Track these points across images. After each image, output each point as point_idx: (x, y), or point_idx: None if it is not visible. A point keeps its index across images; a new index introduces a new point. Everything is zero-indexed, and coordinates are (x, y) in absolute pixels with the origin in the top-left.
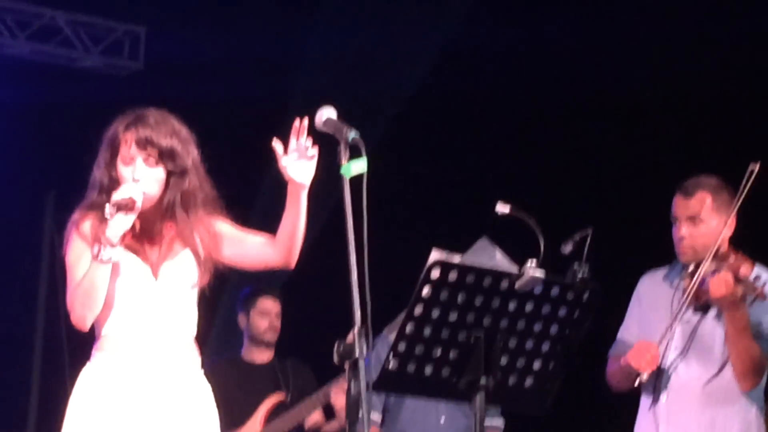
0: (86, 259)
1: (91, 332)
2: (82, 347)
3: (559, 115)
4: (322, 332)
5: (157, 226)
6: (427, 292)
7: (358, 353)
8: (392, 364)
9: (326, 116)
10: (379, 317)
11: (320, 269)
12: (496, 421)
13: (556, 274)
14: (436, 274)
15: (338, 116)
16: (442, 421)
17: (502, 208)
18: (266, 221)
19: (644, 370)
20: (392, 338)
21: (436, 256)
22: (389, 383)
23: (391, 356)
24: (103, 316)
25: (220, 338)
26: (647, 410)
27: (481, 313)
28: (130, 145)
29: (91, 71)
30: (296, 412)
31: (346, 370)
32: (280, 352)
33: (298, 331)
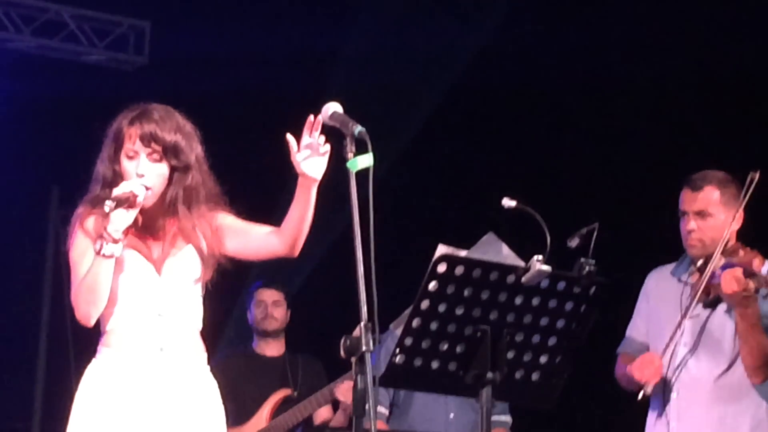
0: (90, 254)
1: (96, 327)
2: (87, 342)
3: (563, 110)
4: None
5: (159, 221)
6: (433, 286)
7: (364, 347)
8: (399, 358)
9: (332, 110)
10: (386, 312)
11: (342, 264)
12: (504, 417)
13: (562, 268)
14: (442, 268)
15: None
16: (451, 416)
17: (508, 202)
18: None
19: (648, 382)
20: (399, 333)
21: (442, 250)
22: (396, 378)
23: (397, 351)
24: (107, 311)
25: (237, 333)
26: (657, 406)
27: (487, 307)
28: (134, 140)
29: (96, 66)
30: (302, 407)
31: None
32: (294, 347)
33: (312, 326)
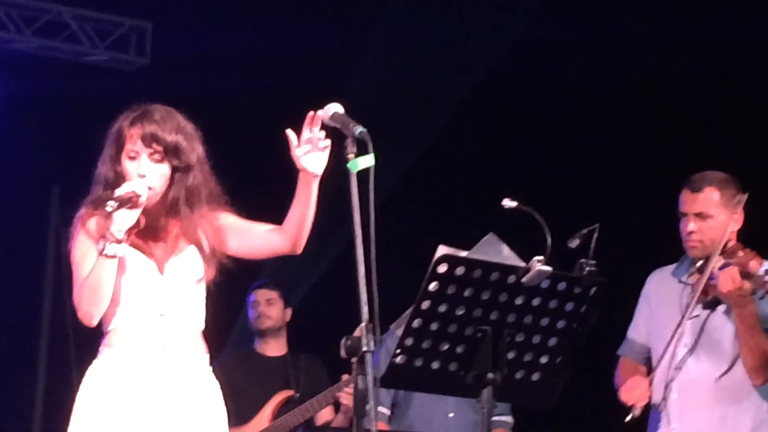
0: (92, 255)
1: (97, 327)
2: (88, 342)
3: (562, 112)
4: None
5: (161, 222)
6: (434, 286)
7: (365, 348)
8: (400, 358)
9: (333, 110)
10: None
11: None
12: (505, 417)
13: (563, 269)
14: (443, 269)
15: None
16: (450, 416)
17: (509, 203)
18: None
19: (635, 405)
20: (400, 333)
21: (443, 251)
22: (397, 378)
23: (398, 351)
24: (110, 312)
25: (243, 334)
26: (658, 407)
27: (488, 307)
28: (135, 140)
29: (97, 66)
30: (304, 409)
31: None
32: (297, 347)
33: (317, 326)
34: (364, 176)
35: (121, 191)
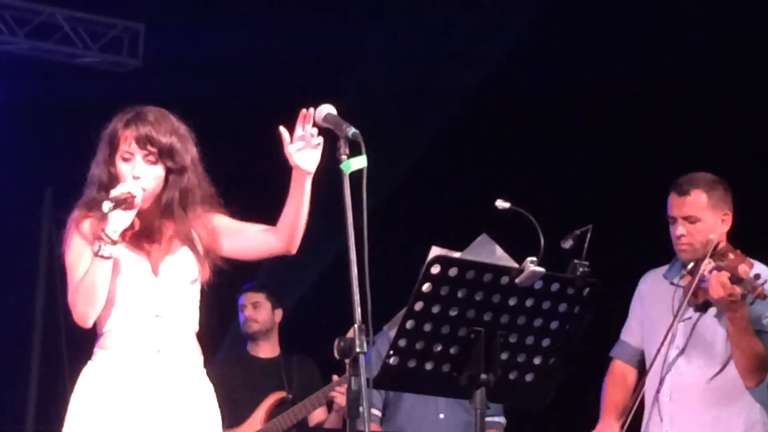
0: (87, 257)
1: (90, 329)
2: (80, 344)
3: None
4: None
5: (156, 223)
6: (427, 287)
7: (358, 349)
8: (393, 360)
9: (326, 111)
10: (379, 314)
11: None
12: (498, 418)
13: (556, 270)
14: (436, 270)
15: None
16: (440, 417)
17: (502, 204)
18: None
19: None
20: (393, 335)
21: (436, 252)
22: (390, 379)
23: (391, 352)
24: (104, 313)
25: (237, 336)
26: (651, 409)
27: (481, 308)
28: (129, 142)
29: (90, 68)
30: (297, 410)
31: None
32: (291, 348)
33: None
34: (357, 177)
35: (116, 192)
